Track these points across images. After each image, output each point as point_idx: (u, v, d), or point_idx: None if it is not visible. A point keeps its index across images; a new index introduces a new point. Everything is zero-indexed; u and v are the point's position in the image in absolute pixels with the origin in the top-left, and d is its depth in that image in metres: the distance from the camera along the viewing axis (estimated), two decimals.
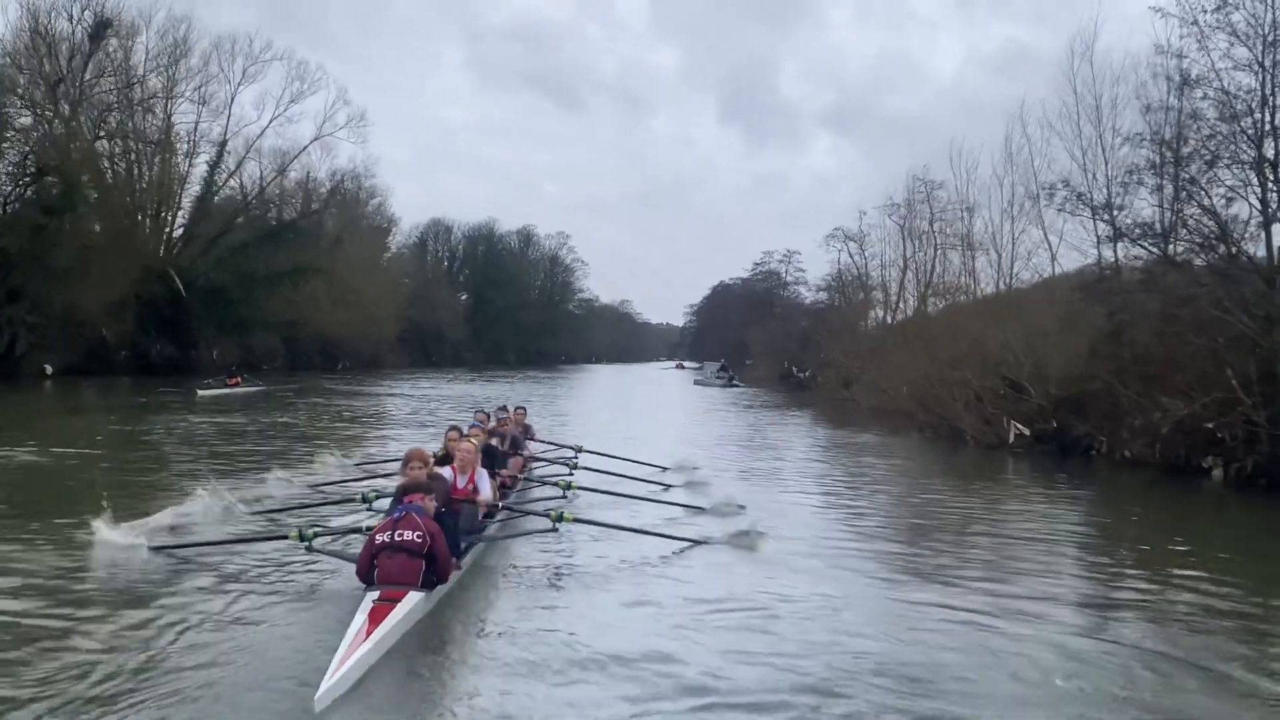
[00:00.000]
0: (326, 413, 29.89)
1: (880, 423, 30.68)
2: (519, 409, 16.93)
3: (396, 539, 7.07)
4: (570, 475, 13.31)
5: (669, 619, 7.49)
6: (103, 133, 50.64)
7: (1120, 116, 23.67)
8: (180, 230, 57.06)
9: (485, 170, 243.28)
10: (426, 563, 7.11)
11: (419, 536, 7.09)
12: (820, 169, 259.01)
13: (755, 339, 74.60)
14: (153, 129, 53.16)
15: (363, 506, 10.50)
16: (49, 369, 42.07)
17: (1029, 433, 22.94)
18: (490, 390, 45.16)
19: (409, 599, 6.75)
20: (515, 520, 10.52)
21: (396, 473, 10.80)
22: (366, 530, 8.09)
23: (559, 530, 9.44)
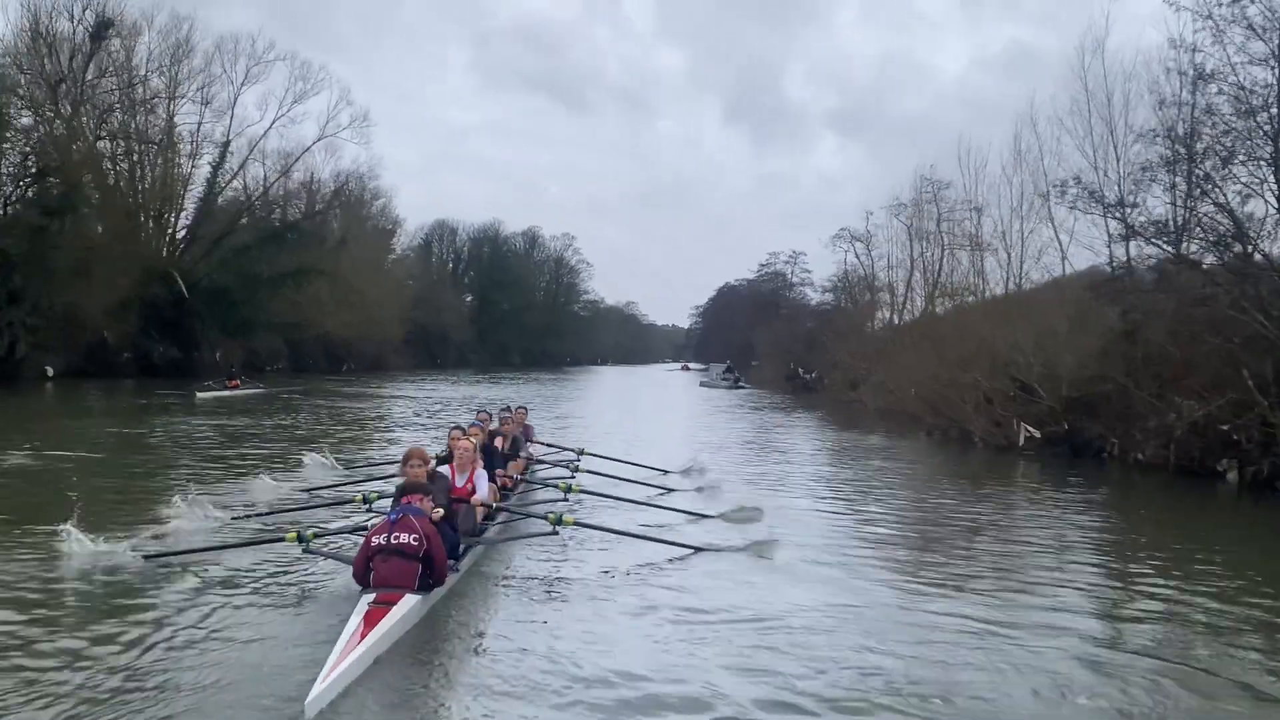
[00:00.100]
0: (328, 415, 29.64)
1: (888, 424, 30.43)
2: (520, 409, 16.68)
3: (393, 542, 6.97)
4: (572, 478, 13.07)
5: (670, 630, 7.23)
6: (104, 133, 50.35)
7: (1132, 113, 23.45)
8: (183, 231, 56.76)
9: (490, 172, 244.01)
10: (423, 566, 7.00)
11: (415, 539, 6.99)
12: (826, 170, 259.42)
13: (761, 340, 74.46)
14: (155, 129, 52.93)
15: (363, 508, 10.37)
16: (50, 371, 41.73)
17: (1039, 435, 22.64)
18: (495, 392, 44.98)
19: (404, 602, 6.66)
20: (515, 523, 10.45)
21: (396, 473, 10.72)
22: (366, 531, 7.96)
23: (559, 533, 9.28)
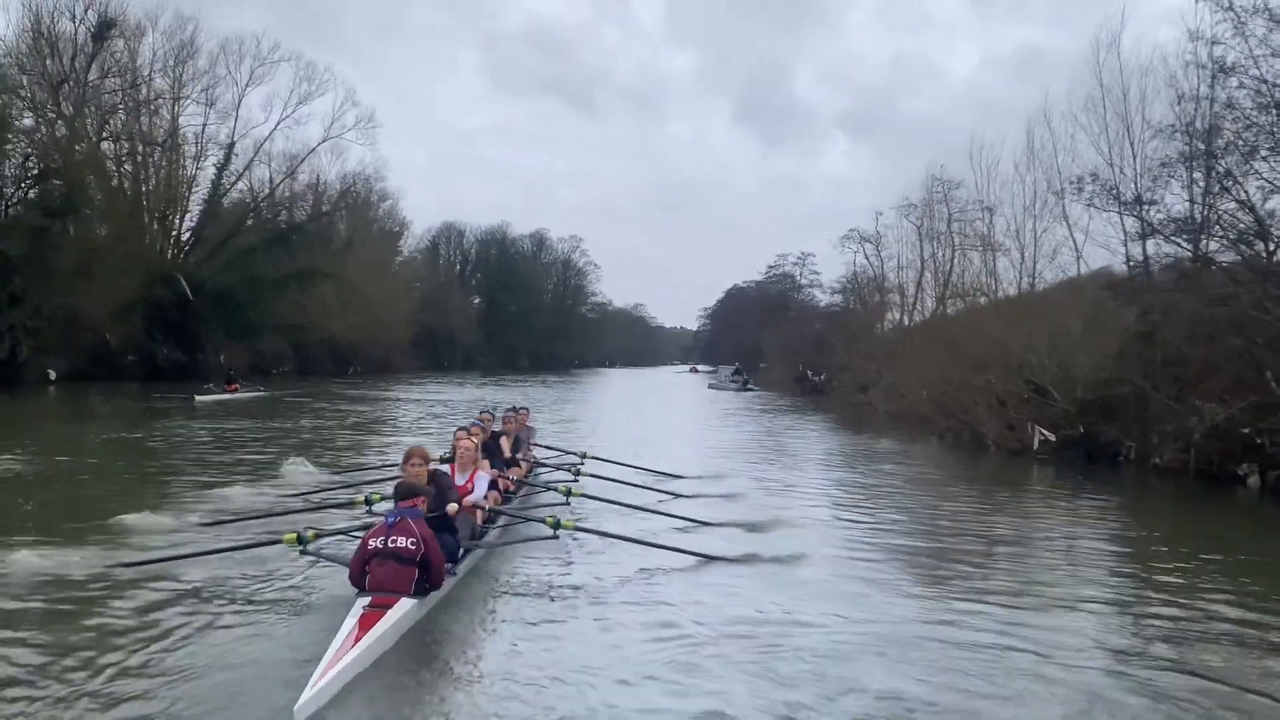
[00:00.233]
0: (330, 417, 29.35)
1: (899, 427, 29.93)
2: (522, 410, 16.33)
3: (389, 545, 6.87)
4: (574, 481, 12.80)
5: (670, 641, 6.93)
6: (107, 134, 50.25)
7: (1149, 108, 22.91)
8: (188, 233, 56.65)
9: (498, 174, 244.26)
10: (420, 570, 6.92)
11: (412, 543, 6.89)
12: (836, 172, 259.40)
13: (770, 342, 74.12)
14: (159, 131, 52.78)
15: (364, 509, 10.13)
16: (53, 374, 41.44)
17: (1054, 438, 22.14)
18: (502, 395, 44.53)
19: (400, 606, 6.60)
20: (514, 526, 10.31)
21: (396, 473, 10.48)
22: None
23: (559, 537, 9.08)
